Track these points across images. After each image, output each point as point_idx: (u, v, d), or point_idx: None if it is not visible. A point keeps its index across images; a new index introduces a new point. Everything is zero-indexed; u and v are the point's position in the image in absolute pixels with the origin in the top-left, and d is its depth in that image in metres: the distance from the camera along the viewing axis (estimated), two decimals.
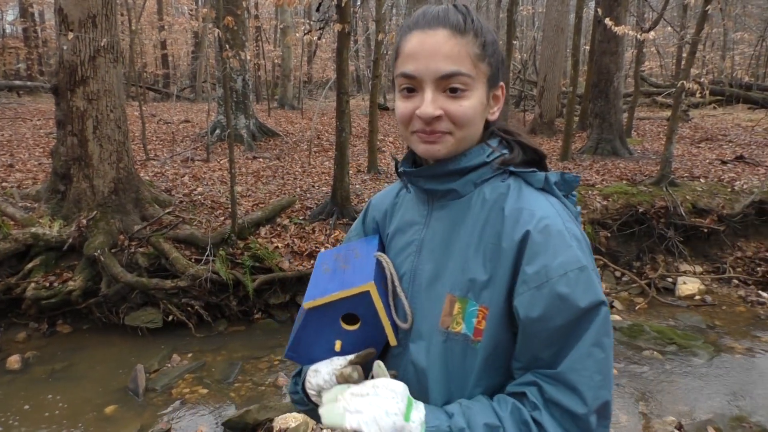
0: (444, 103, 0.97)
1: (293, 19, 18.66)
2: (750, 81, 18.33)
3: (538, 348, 0.94)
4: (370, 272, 1.05)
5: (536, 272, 0.93)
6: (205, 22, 9.25)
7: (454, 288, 1.00)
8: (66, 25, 5.43)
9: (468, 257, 1.00)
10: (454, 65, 0.96)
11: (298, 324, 1.06)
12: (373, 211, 1.27)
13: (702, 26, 7.34)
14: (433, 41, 0.96)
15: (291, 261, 5.77)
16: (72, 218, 5.62)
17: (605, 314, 0.94)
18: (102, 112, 5.65)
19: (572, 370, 0.91)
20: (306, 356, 1.07)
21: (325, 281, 1.07)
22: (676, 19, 17.49)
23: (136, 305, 5.39)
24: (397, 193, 1.23)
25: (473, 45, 0.98)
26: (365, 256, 1.13)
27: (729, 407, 4.19)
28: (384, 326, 1.03)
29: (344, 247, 1.23)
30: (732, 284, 6.57)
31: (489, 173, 1.05)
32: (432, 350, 1.01)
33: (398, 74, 1.01)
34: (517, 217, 0.97)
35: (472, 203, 1.04)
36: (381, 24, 8.46)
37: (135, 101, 14.80)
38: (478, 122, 1.01)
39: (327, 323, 1.04)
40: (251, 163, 9.40)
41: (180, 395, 4.36)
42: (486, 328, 0.97)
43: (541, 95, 12.75)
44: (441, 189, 1.05)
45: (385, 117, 15.81)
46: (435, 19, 0.98)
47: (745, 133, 12.56)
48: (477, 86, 0.99)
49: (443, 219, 1.06)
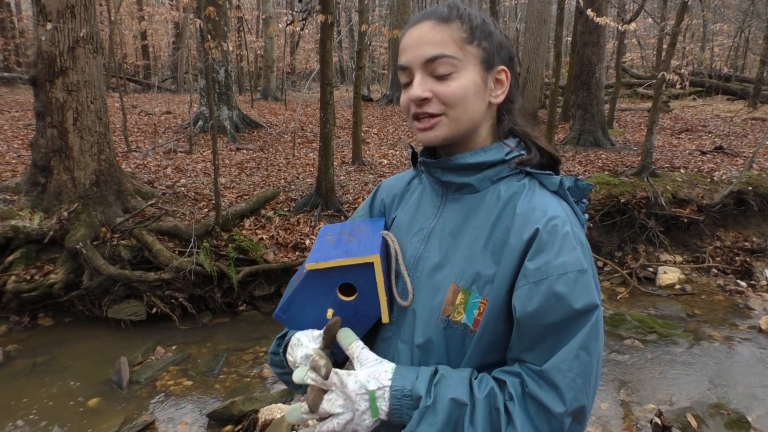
0: (432, 85, 1.01)
1: (275, 10, 18.53)
2: (729, 72, 18.56)
3: (528, 343, 0.96)
4: (376, 246, 1.07)
5: (537, 268, 0.95)
6: (186, 12, 9.14)
7: (459, 278, 1.02)
8: (44, 16, 5.35)
9: (476, 251, 1.02)
10: (438, 48, 1.00)
11: (294, 286, 1.07)
12: (382, 193, 1.29)
13: (682, 17, 7.41)
14: (419, 32, 1.03)
15: (276, 253, 5.76)
16: (53, 211, 5.56)
17: (597, 319, 0.96)
18: (82, 103, 5.58)
19: (556, 370, 0.93)
20: (295, 320, 1.08)
21: (329, 248, 1.09)
22: (656, 11, 17.61)
23: (119, 298, 5.35)
24: (409, 180, 1.26)
25: (458, 30, 1.02)
26: (371, 232, 1.15)
27: (708, 395, 4.27)
28: (380, 302, 1.05)
29: (348, 223, 1.24)
30: (711, 273, 6.68)
31: (506, 171, 1.07)
32: (429, 335, 1.03)
33: (399, 67, 1.06)
34: (529, 215, 1.00)
35: (486, 199, 1.06)
36: (364, 15, 8.43)
37: (116, 92, 14.61)
38: (472, 103, 1.03)
39: (324, 290, 1.05)
40: (235, 154, 9.34)
41: (164, 387, 4.35)
42: (483, 319, 0.99)
43: (524, 86, 12.77)
44: (458, 182, 1.08)
45: (369, 108, 15.78)
46: (423, 15, 1.05)
47: (724, 124, 12.72)
48: (466, 67, 1.01)
49: (456, 211, 1.09)
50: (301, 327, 1.08)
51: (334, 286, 1.05)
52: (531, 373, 0.95)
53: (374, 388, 0.95)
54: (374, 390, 0.95)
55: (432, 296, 1.04)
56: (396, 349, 1.06)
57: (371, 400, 0.94)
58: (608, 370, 4.60)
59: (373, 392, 0.94)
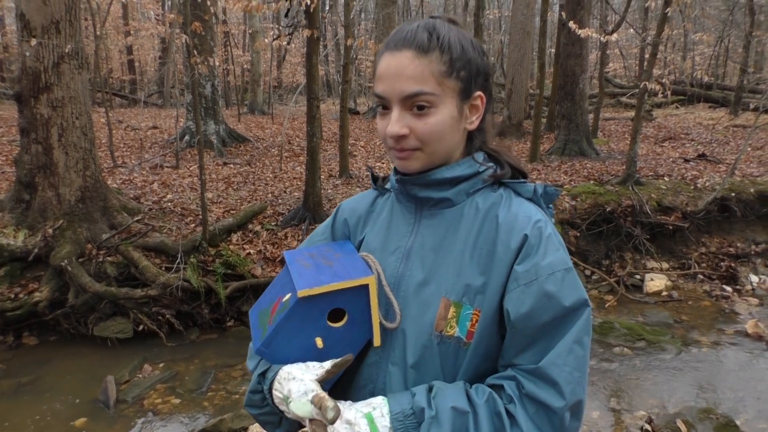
0: (410, 121, 1.01)
1: (262, 24, 18.56)
2: (710, 81, 18.81)
3: (522, 344, 0.98)
4: (365, 267, 1.05)
5: (526, 271, 0.98)
6: (172, 27, 9.14)
7: (449, 292, 1.02)
8: (28, 31, 5.32)
9: (463, 263, 1.03)
10: (417, 85, 0.99)
11: (280, 315, 1.01)
12: (344, 215, 1.27)
13: (662, 28, 7.52)
14: (398, 63, 1.01)
15: (263, 267, 5.73)
16: (37, 228, 5.50)
17: (588, 314, 1.00)
18: (67, 119, 5.55)
19: (553, 365, 0.95)
20: (280, 353, 1.02)
21: (313, 274, 1.03)
22: (637, 22, 17.87)
23: (105, 315, 5.29)
24: (373, 200, 1.25)
25: (438, 63, 1.00)
26: (347, 255, 1.12)
27: (697, 400, 4.29)
28: (374, 325, 1.02)
29: (314, 248, 1.19)
30: (697, 279, 6.74)
31: (480, 184, 1.10)
32: (422, 353, 1.02)
33: (374, 94, 1.06)
34: (513, 223, 1.03)
35: (464, 212, 1.08)
36: (350, 29, 8.47)
37: (101, 107, 14.53)
38: (448, 136, 1.04)
39: (314, 317, 1.01)
40: (221, 169, 9.32)
41: (152, 406, 4.29)
42: (477, 329, 1.00)
43: (509, 97, 12.89)
44: (436, 197, 1.09)
45: (355, 121, 15.82)
46: (402, 41, 1.02)
47: (706, 132, 12.88)
48: (444, 102, 1.02)
49: (433, 227, 1.09)
50: (286, 360, 1.02)
51: (325, 313, 1.01)
52: (526, 374, 0.96)
53: (369, 410, 0.95)
54: (369, 411, 0.95)
55: (421, 314, 1.03)
56: (386, 372, 1.04)
57: (369, 422, 0.94)
58: (598, 378, 4.62)
59: (369, 413, 0.95)
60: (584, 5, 10.23)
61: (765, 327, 5.37)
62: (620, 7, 16.08)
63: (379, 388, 1.05)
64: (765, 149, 10.44)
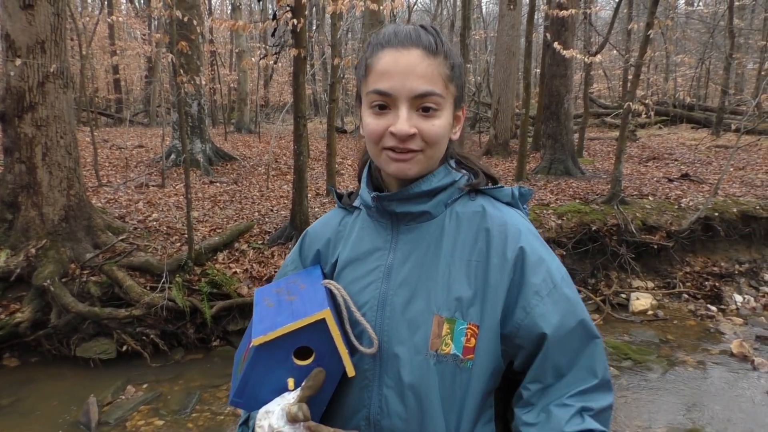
0: (417, 121, 0.98)
1: (249, 44, 18.66)
2: (692, 102, 19.12)
3: (557, 357, 0.97)
4: (322, 299, 1.00)
5: (543, 280, 0.98)
6: (159, 47, 9.15)
7: (441, 308, 0.99)
8: (13, 51, 5.30)
9: (451, 276, 1.01)
10: (429, 85, 0.97)
11: (245, 365, 0.98)
12: (312, 241, 1.22)
13: (645, 50, 7.65)
14: (408, 60, 0.97)
15: (250, 286, 5.69)
16: (20, 248, 5.43)
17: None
18: (51, 138, 5.51)
19: (605, 369, 0.99)
20: (254, 400, 1.00)
21: (272, 315, 1.00)
22: (621, 43, 18.16)
23: (88, 336, 5.22)
24: (340, 221, 1.20)
25: (444, 66, 1.00)
26: (311, 285, 1.08)
27: (683, 419, 4.30)
28: (341, 356, 0.98)
29: (283, 281, 1.16)
30: (682, 299, 6.78)
31: (456, 194, 1.08)
32: (418, 374, 0.98)
33: (370, 91, 1.00)
34: (504, 233, 1.02)
35: (445, 224, 1.06)
36: (337, 48, 8.52)
37: (86, 126, 14.47)
38: (445, 141, 1.04)
39: (278, 360, 0.97)
40: (208, 187, 9.28)
41: (135, 428, 4.22)
42: (479, 345, 0.98)
43: (496, 117, 13.01)
44: (415, 211, 1.06)
45: (342, 140, 15.87)
46: (408, 39, 0.99)
47: (689, 152, 13.06)
48: (447, 106, 1.02)
49: (413, 242, 1.06)
50: (262, 405, 1.00)
51: (289, 354, 0.97)
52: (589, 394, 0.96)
53: None
54: None
55: (412, 333, 1.00)
56: (381, 396, 1.01)
57: None
58: None
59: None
60: (568, 27, 10.39)
61: (750, 347, 5.41)
62: (604, 29, 16.37)
63: (374, 412, 1.01)
64: (747, 169, 10.59)
